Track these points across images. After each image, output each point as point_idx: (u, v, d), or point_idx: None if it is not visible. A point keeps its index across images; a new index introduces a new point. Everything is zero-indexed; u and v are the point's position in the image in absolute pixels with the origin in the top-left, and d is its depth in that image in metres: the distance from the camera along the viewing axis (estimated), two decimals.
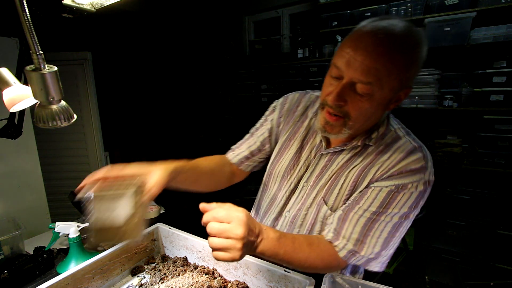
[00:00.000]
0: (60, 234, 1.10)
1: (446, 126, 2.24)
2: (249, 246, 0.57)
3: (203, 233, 0.94)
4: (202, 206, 0.57)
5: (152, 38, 3.50)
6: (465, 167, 2.00)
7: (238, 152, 0.95)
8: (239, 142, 0.97)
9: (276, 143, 0.94)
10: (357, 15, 2.30)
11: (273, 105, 0.96)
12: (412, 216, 0.69)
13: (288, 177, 0.86)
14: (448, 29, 1.95)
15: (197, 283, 0.79)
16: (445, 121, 2.25)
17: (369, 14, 2.24)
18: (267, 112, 0.96)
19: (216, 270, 0.86)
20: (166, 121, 3.78)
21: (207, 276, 0.83)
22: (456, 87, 2.02)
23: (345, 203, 0.75)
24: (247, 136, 0.97)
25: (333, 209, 0.77)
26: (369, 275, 0.93)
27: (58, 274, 0.74)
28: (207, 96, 3.54)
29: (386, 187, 0.67)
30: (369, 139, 0.72)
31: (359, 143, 0.73)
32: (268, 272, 0.74)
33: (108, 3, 0.83)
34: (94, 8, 0.87)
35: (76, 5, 0.83)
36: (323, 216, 0.78)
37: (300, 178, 0.84)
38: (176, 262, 0.90)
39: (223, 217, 0.55)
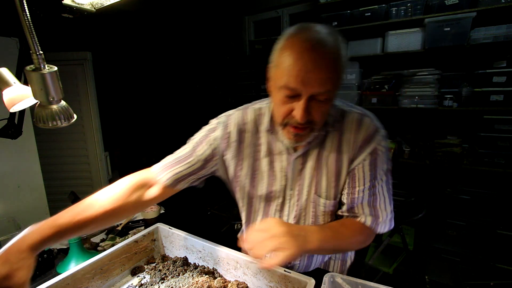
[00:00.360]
0: None
1: (446, 126, 2.24)
2: (300, 241, 0.65)
3: (203, 233, 0.95)
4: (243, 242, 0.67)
5: (152, 38, 3.50)
6: (465, 167, 2.00)
7: (175, 171, 0.84)
8: (173, 159, 0.86)
9: (223, 163, 0.88)
10: (357, 15, 2.29)
11: (214, 121, 0.88)
12: (390, 166, 0.79)
13: (273, 194, 0.86)
14: (448, 29, 1.95)
15: (197, 283, 0.79)
16: (445, 121, 2.25)
17: (369, 14, 2.24)
18: (207, 127, 0.88)
19: (216, 270, 0.86)
20: (166, 121, 3.78)
21: (207, 276, 0.83)
22: (456, 87, 2.02)
23: (336, 189, 0.80)
24: (186, 152, 0.86)
25: (328, 198, 0.81)
26: (369, 275, 0.93)
27: (58, 274, 0.74)
28: (207, 96, 3.54)
29: (364, 160, 0.76)
30: (326, 126, 0.77)
31: (322, 133, 0.78)
32: (268, 272, 0.74)
33: (108, 3, 0.83)
34: (94, 8, 0.87)
35: (76, 5, 0.83)
36: (323, 209, 0.82)
37: (284, 189, 0.84)
38: (176, 262, 0.90)
39: (263, 228, 0.67)
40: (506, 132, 1.87)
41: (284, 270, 0.71)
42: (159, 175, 0.85)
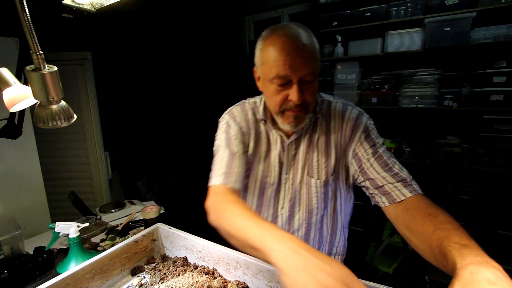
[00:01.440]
0: (60, 234, 1.10)
1: (446, 126, 2.24)
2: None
3: (203, 233, 0.95)
4: None
5: (152, 38, 3.50)
6: (465, 167, 2.00)
7: (237, 177, 0.83)
8: (227, 167, 0.84)
9: (247, 152, 0.93)
10: (357, 15, 2.29)
11: (224, 122, 0.94)
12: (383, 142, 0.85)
13: (267, 180, 0.91)
14: (448, 29, 1.95)
15: (197, 283, 0.79)
16: (445, 121, 2.25)
17: (369, 14, 2.24)
18: (222, 129, 0.92)
19: (216, 270, 0.86)
20: (167, 121, 3.78)
21: (207, 276, 0.83)
22: (456, 87, 2.02)
23: (326, 169, 0.85)
24: (228, 158, 0.85)
25: (319, 178, 0.87)
26: (369, 275, 0.93)
27: (58, 274, 0.74)
28: (207, 96, 3.54)
29: (360, 137, 0.83)
30: (315, 114, 0.86)
31: (312, 119, 0.86)
32: (268, 272, 0.74)
33: (108, 3, 0.83)
34: (94, 8, 0.87)
35: (76, 5, 0.83)
36: (315, 189, 0.88)
37: (280, 174, 0.90)
38: (176, 262, 0.90)
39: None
40: (506, 132, 1.87)
41: None
42: (230, 184, 0.80)
